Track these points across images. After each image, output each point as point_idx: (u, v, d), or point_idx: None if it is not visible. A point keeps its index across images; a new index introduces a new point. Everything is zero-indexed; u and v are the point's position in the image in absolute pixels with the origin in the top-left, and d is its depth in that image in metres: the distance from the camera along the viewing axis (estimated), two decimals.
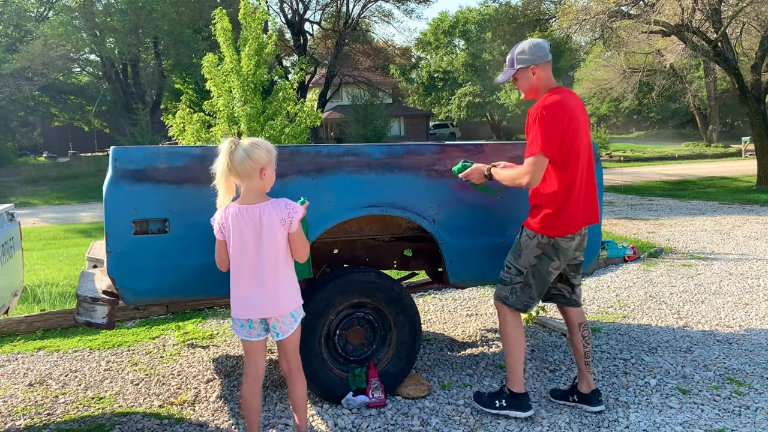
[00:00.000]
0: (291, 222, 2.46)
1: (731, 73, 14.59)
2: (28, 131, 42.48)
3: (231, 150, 2.40)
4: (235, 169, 2.40)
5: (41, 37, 26.36)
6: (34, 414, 3.28)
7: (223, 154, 2.41)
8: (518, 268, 2.99)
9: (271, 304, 2.49)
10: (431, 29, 53.89)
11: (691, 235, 8.35)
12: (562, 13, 15.98)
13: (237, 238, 2.45)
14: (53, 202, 18.23)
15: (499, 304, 3.06)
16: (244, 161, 2.39)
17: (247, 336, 2.55)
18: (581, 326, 3.14)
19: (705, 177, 18.46)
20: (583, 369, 3.12)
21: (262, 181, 2.45)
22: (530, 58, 2.91)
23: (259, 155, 2.42)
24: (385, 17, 36.92)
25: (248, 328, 2.54)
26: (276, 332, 2.55)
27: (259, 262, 2.45)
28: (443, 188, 3.26)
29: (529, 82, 2.96)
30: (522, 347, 3.03)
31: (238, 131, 10.89)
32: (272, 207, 2.45)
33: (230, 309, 4.98)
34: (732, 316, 4.70)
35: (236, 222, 2.45)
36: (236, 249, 2.47)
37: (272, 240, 2.45)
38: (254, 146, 2.43)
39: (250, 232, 2.44)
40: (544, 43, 2.95)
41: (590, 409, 3.08)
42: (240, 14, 10.75)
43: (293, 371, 2.63)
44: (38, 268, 7.32)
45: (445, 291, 5.71)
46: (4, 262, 3.28)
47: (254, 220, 2.43)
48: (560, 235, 2.89)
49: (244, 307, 2.51)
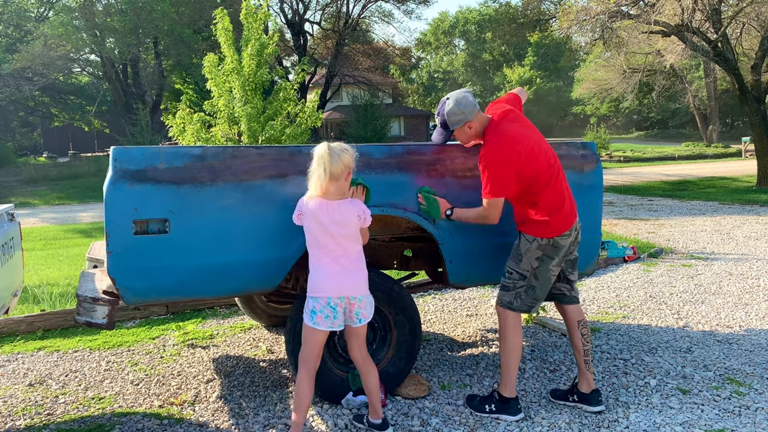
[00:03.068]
0: (366, 218, 2.74)
1: (731, 73, 14.59)
2: (28, 131, 42.49)
3: (329, 153, 2.64)
4: (331, 172, 2.63)
5: (41, 37, 26.37)
6: (34, 414, 3.28)
7: (323, 159, 2.64)
8: (520, 273, 3.02)
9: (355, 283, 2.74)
10: (431, 29, 53.91)
11: (691, 235, 8.35)
12: (562, 14, 15.99)
13: (317, 227, 2.69)
14: (53, 202, 18.23)
15: (502, 310, 3.08)
16: (338, 164, 2.63)
17: (330, 326, 2.72)
18: (580, 324, 3.16)
19: (705, 177, 18.46)
20: (583, 367, 3.13)
21: (346, 183, 2.71)
22: (462, 118, 2.99)
23: (347, 160, 2.67)
24: (385, 17, 36.96)
25: (332, 317, 2.71)
26: (359, 318, 2.75)
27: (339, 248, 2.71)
28: (443, 188, 3.26)
29: (467, 136, 3.08)
30: (519, 352, 3.06)
31: (239, 131, 10.90)
32: (351, 204, 2.72)
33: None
34: (732, 316, 4.70)
35: (317, 214, 2.69)
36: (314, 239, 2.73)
37: (350, 230, 2.71)
38: (344, 151, 2.67)
39: (331, 223, 2.68)
40: (468, 95, 3.02)
41: (590, 410, 3.09)
42: (242, 14, 10.75)
43: (366, 359, 2.86)
44: (38, 268, 7.32)
45: (445, 291, 5.71)
46: (4, 262, 3.28)
47: (334, 213, 2.68)
48: (558, 235, 2.95)
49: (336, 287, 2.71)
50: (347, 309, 2.74)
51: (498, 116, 3.02)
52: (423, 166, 3.24)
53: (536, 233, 2.96)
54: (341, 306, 2.72)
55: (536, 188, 2.94)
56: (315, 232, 2.70)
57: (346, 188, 2.73)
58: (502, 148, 2.89)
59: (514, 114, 3.05)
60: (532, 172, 2.91)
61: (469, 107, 2.96)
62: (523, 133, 2.95)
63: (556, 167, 3.01)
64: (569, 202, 3.03)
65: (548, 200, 2.95)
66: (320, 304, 2.69)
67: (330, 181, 2.64)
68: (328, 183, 2.64)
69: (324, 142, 2.71)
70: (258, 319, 4.64)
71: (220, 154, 2.92)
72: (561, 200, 2.98)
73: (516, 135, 2.93)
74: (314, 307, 2.70)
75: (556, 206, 2.95)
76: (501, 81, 49.70)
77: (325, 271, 2.71)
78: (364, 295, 2.76)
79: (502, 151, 2.89)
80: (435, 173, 3.25)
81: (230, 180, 2.88)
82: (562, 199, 2.98)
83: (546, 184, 2.94)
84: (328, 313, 2.70)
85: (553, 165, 2.99)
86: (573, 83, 46.13)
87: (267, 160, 2.98)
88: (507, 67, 49.75)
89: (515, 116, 3.04)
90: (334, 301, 2.69)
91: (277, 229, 2.97)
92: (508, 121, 2.98)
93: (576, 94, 42.73)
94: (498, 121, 2.99)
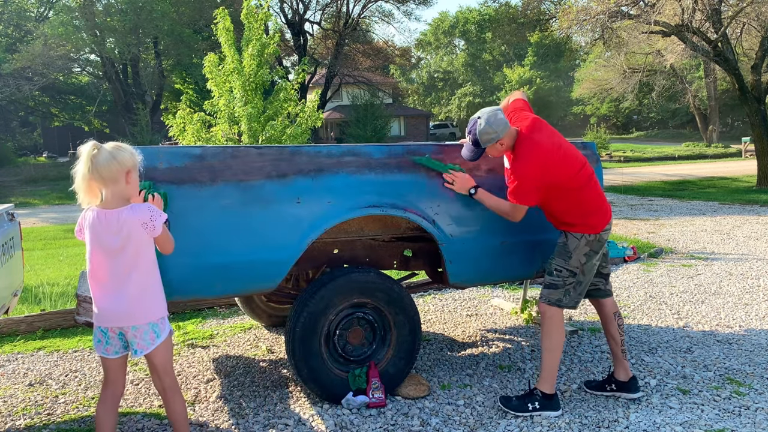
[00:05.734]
0: (154, 226, 2.36)
1: (731, 74, 14.59)
2: (28, 131, 42.49)
3: (93, 153, 2.27)
4: (99, 173, 2.27)
5: (41, 37, 26.38)
6: (34, 414, 3.28)
7: (85, 157, 2.27)
8: (570, 270, 3.08)
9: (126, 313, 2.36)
10: (431, 29, 53.90)
11: (691, 235, 8.35)
12: (562, 14, 15.98)
13: (95, 243, 2.33)
14: (53, 202, 18.23)
15: (549, 307, 3.11)
16: (110, 163, 2.27)
17: (103, 352, 2.41)
18: (616, 315, 3.31)
19: (705, 177, 18.47)
20: (620, 356, 3.25)
21: (128, 186, 2.34)
22: (495, 136, 3.00)
23: (124, 157, 2.31)
24: (385, 17, 36.93)
25: (105, 343, 2.40)
26: (134, 349, 2.39)
27: (118, 268, 2.33)
28: (443, 188, 3.26)
29: (498, 151, 3.09)
30: (562, 349, 3.13)
31: (239, 131, 10.90)
32: (131, 211, 2.33)
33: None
34: (732, 316, 4.70)
35: (94, 226, 2.33)
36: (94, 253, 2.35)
37: (132, 244, 2.33)
38: (119, 149, 2.32)
39: (109, 237, 2.31)
40: (498, 113, 3.01)
41: (629, 396, 3.20)
42: (242, 14, 10.76)
43: (167, 390, 2.50)
44: (38, 268, 7.32)
45: (445, 291, 5.70)
46: (4, 262, 3.28)
47: (112, 224, 2.31)
48: (602, 230, 3.07)
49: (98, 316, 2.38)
50: (124, 339, 2.41)
51: (527, 128, 3.05)
52: (423, 166, 3.24)
53: (584, 230, 3.05)
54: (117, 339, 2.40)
55: (577, 189, 3.02)
56: (94, 248, 2.34)
57: (128, 193, 2.36)
58: (533, 161, 2.96)
59: (540, 123, 3.09)
60: (567, 177, 2.99)
61: (501, 125, 2.99)
62: (554, 142, 3.01)
63: (588, 167, 3.09)
64: (603, 194, 3.16)
65: (591, 198, 3.06)
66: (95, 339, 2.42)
67: (98, 182, 2.29)
68: (95, 185, 2.30)
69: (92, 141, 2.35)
70: (258, 319, 4.64)
71: (219, 154, 2.91)
72: (602, 197, 3.11)
73: (548, 146, 2.98)
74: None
75: (598, 203, 3.08)
76: (501, 81, 49.69)
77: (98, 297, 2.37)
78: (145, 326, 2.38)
79: (533, 164, 2.96)
80: (435, 173, 3.25)
81: (230, 180, 2.88)
82: (602, 196, 3.12)
83: (585, 184, 3.03)
84: (99, 337, 2.40)
85: (585, 165, 3.07)
86: (573, 83, 46.11)
87: (267, 160, 2.97)
88: (507, 67, 49.82)
89: (541, 125, 3.09)
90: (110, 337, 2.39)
91: (277, 229, 2.97)
92: (537, 132, 3.03)
93: (576, 94, 42.72)
94: (527, 134, 3.03)
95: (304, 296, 3.14)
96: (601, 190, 3.16)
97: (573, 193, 3.02)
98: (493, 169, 3.37)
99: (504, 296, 5.47)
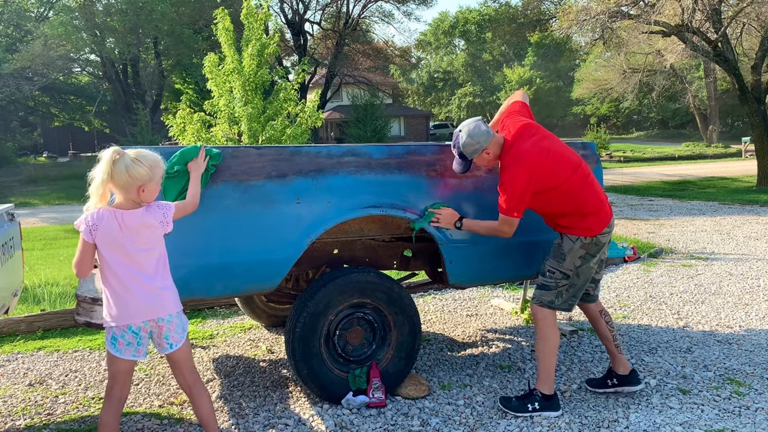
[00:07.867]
0: (168, 222, 2.43)
1: (731, 74, 14.59)
2: (28, 131, 42.47)
3: (114, 159, 2.30)
4: (114, 180, 2.31)
5: (41, 37, 26.38)
6: (34, 414, 3.28)
7: (105, 163, 2.30)
8: (563, 272, 3.06)
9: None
10: (431, 29, 53.91)
11: (691, 235, 8.35)
12: (562, 14, 15.99)
13: (114, 244, 2.34)
14: (53, 202, 18.23)
15: (541, 309, 3.11)
16: (123, 175, 2.29)
17: (134, 355, 2.41)
18: (602, 313, 3.31)
19: (705, 177, 18.46)
20: (615, 352, 3.26)
21: (142, 195, 2.35)
22: (478, 147, 3.01)
23: (139, 173, 2.30)
24: (385, 18, 36.94)
25: (136, 344, 2.40)
26: (169, 343, 2.44)
27: (142, 265, 2.37)
28: (443, 188, 3.26)
29: (487, 161, 3.10)
30: (557, 350, 3.12)
31: (239, 131, 10.90)
32: (148, 213, 2.38)
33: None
34: (732, 316, 4.70)
35: (112, 228, 2.32)
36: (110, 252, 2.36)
37: (154, 242, 2.40)
38: (136, 162, 2.31)
39: (131, 237, 2.34)
40: (479, 124, 3.02)
41: (631, 389, 3.22)
42: (242, 14, 10.76)
43: (193, 386, 2.55)
44: (38, 268, 7.32)
45: (445, 291, 5.70)
46: (4, 262, 3.28)
47: (132, 225, 2.34)
48: (600, 232, 3.03)
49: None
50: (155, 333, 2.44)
51: (513, 136, 3.03)
52: (423, 166, 3.24)
53: (580, 233, 3.02)
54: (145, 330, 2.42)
55: (571, 192, 2.98)
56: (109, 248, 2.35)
57: (142, 202, 2.39)
58: (518, 170, 2.93)
59: (530, 129, 3.05)
60: (557, 182, 2.95)
61: (483, 136, 2.98)
62: (541, 149, 2.96)
63: (584, 168, 3.05)
64: (604, 195, 3.13)
65: (588, 200, 3.01)
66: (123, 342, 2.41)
67: (114, 188, 2.33)
68: (109, 189, 2.34)
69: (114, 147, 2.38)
70: (258, 319, 4.64)
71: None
72: (600, 199, 3.06)
73: (532, 154, 2.94)
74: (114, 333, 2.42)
75: (596, 205, 3.03)
76: (501, 81, 49.70)
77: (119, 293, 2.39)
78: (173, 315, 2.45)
79: (518, 174, 2.92)
80: (435, 173, 3.25)
81: (230, 180, 2.88)
82: (600, 198, 3.07)
83: (580, 186, 2.99)
84: (130, 339, 2.40)
85: (580, 167, 3.02)
86: (573, 83, 46.10)
87: (267, 160, 2.97)
88: (507, 67, 49.82)
89: (531, 131, 3.04)
90: (136, 326, 2.40)
91: (277, 229, 2.97)
92: (524, 140, 2.99)
93: (576, 94, 42.73)
94: (513, 142, 3.01)
95: (304, 296, 3.14)
96: (600, 191, 3.11)
97: (567, 195, 2.99)
98: (493, 169, 3.37)
99: (504, 296, 5.48)
